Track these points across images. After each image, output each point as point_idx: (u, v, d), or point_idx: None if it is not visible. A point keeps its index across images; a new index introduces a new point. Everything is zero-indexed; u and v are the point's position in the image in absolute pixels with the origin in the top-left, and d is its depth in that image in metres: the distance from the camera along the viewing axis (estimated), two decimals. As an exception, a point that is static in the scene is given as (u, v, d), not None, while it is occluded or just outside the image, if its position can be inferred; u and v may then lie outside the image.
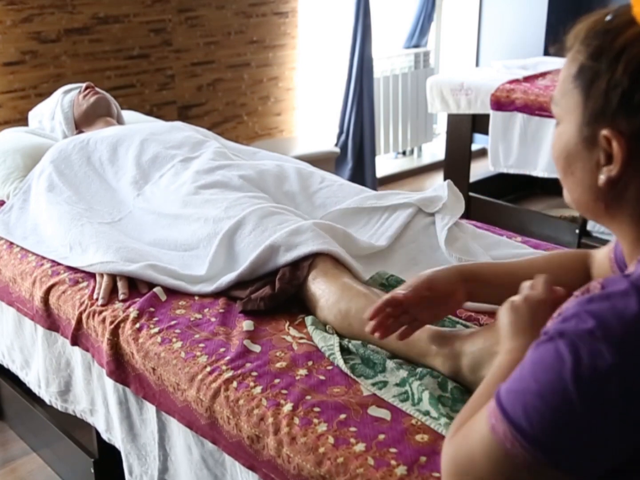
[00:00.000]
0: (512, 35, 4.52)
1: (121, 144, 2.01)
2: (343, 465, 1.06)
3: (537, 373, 0.74)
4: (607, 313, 0.72)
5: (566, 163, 0.86)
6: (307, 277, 1.44)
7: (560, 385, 0.72)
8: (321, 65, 4.10)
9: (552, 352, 0.73)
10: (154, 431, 1.46)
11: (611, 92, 0.77)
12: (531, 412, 0.73)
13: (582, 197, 0.86)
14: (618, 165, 0.79)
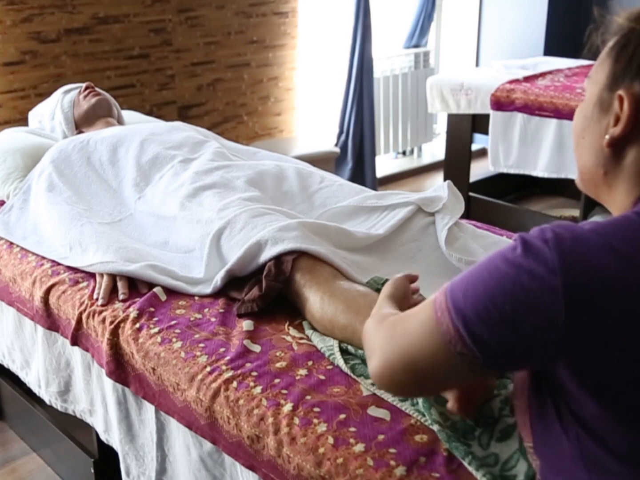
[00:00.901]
0: (512, 35, 4.52)
1: (121, 144, 2.01)
2: (343, 465, 1.06)
3: (488, 259, 0.82)
4: (567, 234, 0.79)
5: (581, 127, 0.90)
6: (293, 280, 1.43)
7: (501, 272, 0.79)
8: (321, 65, 4.10)
9: (508, 246, 0.81)
10: (153, 432, 1.46)
11: (635, 57, 0.82)
12: (469, 288, 0.81)
13: (586, 163, 0.90)
14: (623, 125, 0.83)
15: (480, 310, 0.79)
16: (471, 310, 0.79)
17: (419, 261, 1.63)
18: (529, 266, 0.77)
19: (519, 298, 0.77)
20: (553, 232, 0.79)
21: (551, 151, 3.09)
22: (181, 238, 1.70)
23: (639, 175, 0.85)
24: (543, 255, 0.77)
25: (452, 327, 0.80)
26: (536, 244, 0.78)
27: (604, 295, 0.75)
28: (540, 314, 0.76)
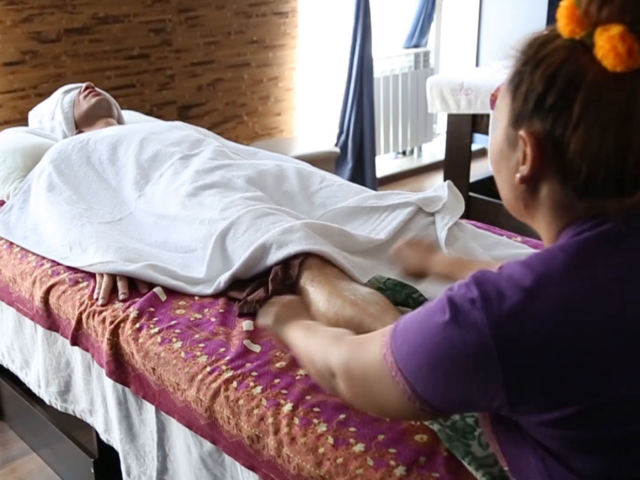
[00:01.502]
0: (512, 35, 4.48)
1: (121, 143, 2.01)
2: (343, 465, 1.06)
3: (423, 320, 0.84)
4: (492, 289, 0.80)
5: (495, 162, 0.92)
6: (299, 278, 1.44)
7: (433, 341, 0.81)
8: (321, 65, 4.10)
9: (439, 308, 0.82)
10: (153, 431, 1.46)
11: (529, 95, 0.83)
12: (413, 357, 0.83)
13: (507, 195, 0.92)
14: (529, 165, 0.84)
15: (427, 375, 0.82)
16: (418, 378, 0.83)
17: None
18: (460, 333, 0.79)
19: (458, 364, 0.80)
20: (478, 290, 0.80)
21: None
22: (182, 238, 1.70)
23: (556, 209, 0.85)
24: (472, 320, 0.78)
25: (409, 388, 0.84)
26: (464, 307, 0.80)
27: (537, 345, 0.77)
28: (481, 375, 0.78)
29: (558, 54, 0.81)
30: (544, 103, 0.81)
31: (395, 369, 0.85)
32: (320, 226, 1.59)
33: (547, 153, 0.83)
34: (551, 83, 0.81)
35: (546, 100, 0.81)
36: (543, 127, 0.82)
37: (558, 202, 0.85)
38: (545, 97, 0.81)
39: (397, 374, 0.85)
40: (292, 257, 1.46)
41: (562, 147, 0.81)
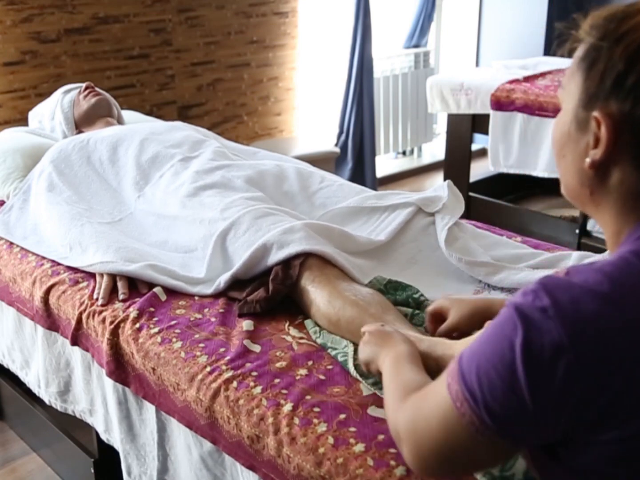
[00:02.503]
0: (512, 35, 4.52)
1: (121, 143, 2.01)
2: (343, 465, 1.06)
3: (492, 339, 0.77)
4: (565, 296, 0.73)
5: (560, 145, 0.86)
6: (300, 278, 1.44)
7: (510, 357, 0.74)
8: (321, 65, 4.10)
9: (507, 322, 0.76)
10: (154, 431, 1.46)
11: (607, 74, 0.78)
12: (483, 377, 0.76)
13: (570, 181, 0.86)
14: (603, 148, 0.79)
15: (500, 399, 0.75)
16: (491, 400, 0.75)
17: (420, 262, 1.63)
18: (537, 350, 0.72)
19: (535, 378, 0.73)
20: (549, 297, 0.74)
21: (551, 151, 3.08)
22: (182, 238, 1.70)
23: (627, 198, 0.80)
24: (548, 332, 0.72)
25: (476, 418, 0.77)
26: (536, 318, 0.73)
27: (614, 356, 0.72)
28: (557, 389, 0.73)
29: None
30: (625, 82, 0.76)
31: (460, 399, 0.78)
32: (321, 227, 1.59)
33: (624, 136, 0.77)
34: (634, 60, 0.76)
35: (627, 78, 0.76)
36: (621, 108, 0.77)
37: (630, 190, 0.80)
38: (627, 76, 0.76)
39: (463, 405, 0.78)
40: (293, 257, 1.46)
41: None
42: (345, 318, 1.34)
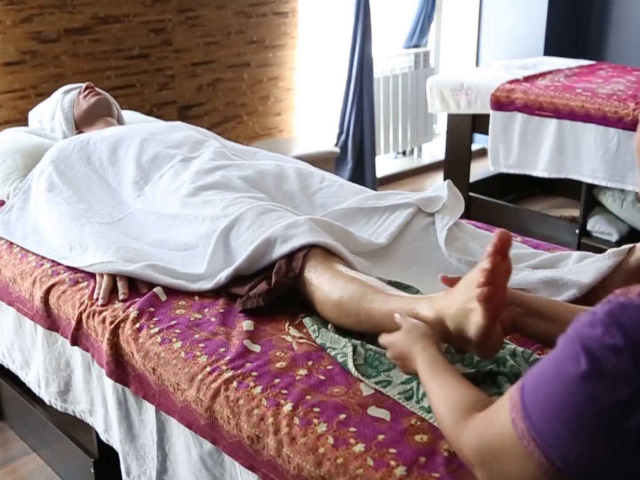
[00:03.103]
0: (512, 35, 4.52)
1: (121, 144, 2.01)
2: (343, 465, 1.06)
3: (556, 377, 0.73)
4: (638, 331, 0.68)
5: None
6: (303, 270, 1.44)
7: (581, 404, 0.70)
8: (321, 65, 4.10)
9: (572, 360, 0.71)
10: (153, 431, 1.46)
11: None
12: (549, 420, 0.73)
13: None
14: None
15: (568, 441, 0.72)
16: (560, 445, 0.72)
17: (420, 262, 1.63)
18: (607, 386, 0.68)
19: (607, 424, 0.69)
20: (622, 334, 0.67)
21: (551, 151, 3.08)
22: (182, 236, 1.70)
23: None
24: (622, 380, 0.67)
25: (546, 460, 0.74)
26: (607, 356, 0.67)
27: None
28: (630, 438, 0.69)
29: None
30: None
31: (527, 437, 0.75)
32: (323, 222, 1.59)
33: None
34: None
35: None
36: None
37: None
38: None
39: (530, 444, 0.75)
40: (296, 251, 1.46)
41: None
42: (347, 296, 1.33)
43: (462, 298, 1.13)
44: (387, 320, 1.25)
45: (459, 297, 1.14)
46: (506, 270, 1.07)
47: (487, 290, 1.03)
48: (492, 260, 1.03)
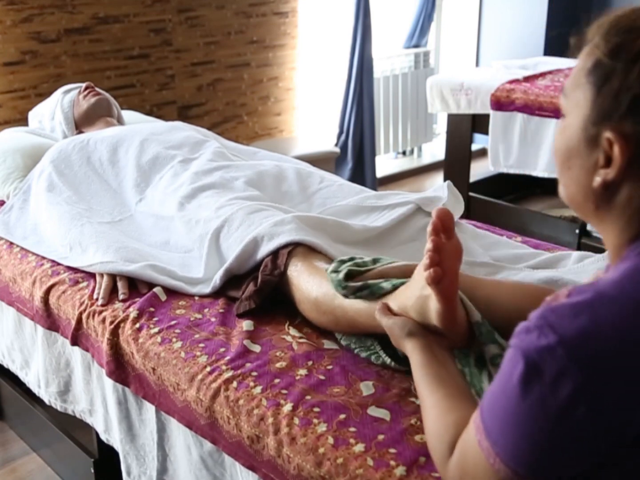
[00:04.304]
0: (512, 35, 4.52)
1: (121, 144, 2.01)
2: (343, 465, 1.06)
3: (507, 390, 0.75)
4: (569, 328, 0.70)
5: (565, 157, 0.83)
6: (286, 268, 1.42)
7: (527, 407, 0.72)
8: (321, 65, 4.10)
9: (517, 371, 0.73)
10: (153, 431, 1.46)
11: (623, 94, 0.75)
12: (506, 432, 0.74)
13: (575, 194, 0.84)
14: (616, 170, 0.77)
15: (529, 450, 0.73)
16: (517, 451, 0.74)
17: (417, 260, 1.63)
18: (552, 398, 0.70)
19: (556, 431, 0.71)
20: (554, 333, 0.70)
21: (551, 151, 3.08)
22: (181, 238, 1.71)
23: (633, 216, 0.79)
24: (560, 375, 0.69)
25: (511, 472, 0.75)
26: (544, 360, 0.70)
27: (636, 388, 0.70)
28: (584, 435, 0.71)
29: None
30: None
31: (492, 455, 0.76)
32: (314, 219, 1.58)
33: (638, 158, 0.75)
34: None
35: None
36: (637, 130, 0.74)
37: (637, 210, 0.78)
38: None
39: (496, 460, 0.76)
40: (282, 248, 1.46)
41: None
42: (322, 292, 1.32)
43: (418, 286, 1.12)
44: (359, 317, 1.25)
45: (415, 286, 1.13)
46: (454, 249, 1.05)
47: (434, 271, 1.02)
48: (434, 239, 1.02)
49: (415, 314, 1.13)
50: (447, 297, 1.05)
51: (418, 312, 1.12)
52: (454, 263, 1.05)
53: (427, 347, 1.07)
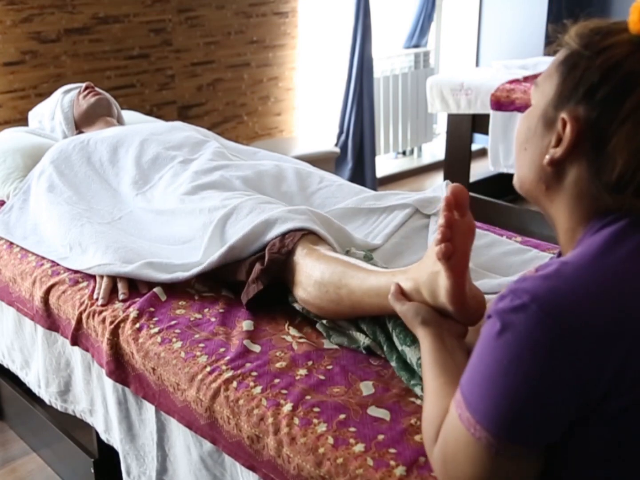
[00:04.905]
0: (512, 35, 4.52)
1: (121, 144, 2.01)
2: (342, 465, 1.06)
3: (483, 356, 0.79)
4: (540, 288, 0.76)
5: (524, 138, 0.90)
6: (294, 249, 1.41)
7: (504, 364, 0.76)
8: (321, 65, 4.10)
9: (492, 334, 0.78)
10: (153, 431, 1.46)
11: (582, 81, 0.83)
12: (484, 394, 0.77)
13: (527, 175, 0.90)
14: (564, 148, 0.83)
15: (504, 407, 0.76)
16: (496, 412, 0.77)
17: (405, 258, 1.63)
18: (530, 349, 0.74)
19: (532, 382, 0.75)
20: (526, 293, 0.76)
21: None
22: (181, 229, 1.70)
23: (580, 198, 0.85)
24: (535, 328, 0.74)
25: (491, 436, 0.77)
26: (518, 317, 0.75)
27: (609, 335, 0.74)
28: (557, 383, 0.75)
29: (623, 47, 0.81)
30: (596, 93, 0.81)
31: (472, 423, 0.79)
32: (322, 217, 1.58)
33: (586, 141, 0.82)
34: (609, 74, 0.81)
35: (599, 90, 0.81)
36: (588, 115, 0.82)
37: (584, 191, 0.84)
38: (599, 87, 0.81)
39: (477, 428, 0.78)
40: (293, 231, 1.45)
41: (604, 139, 0.80)
42: (328, 272, 1.32)
43: (429, 262, 1.13)
44: (366, 297, 1.25)
45: (427, 262, 1.14)
46: (467, 227, 1.06)
47: (445, 246, 1.03)
48: (446, 215, 1.03)
49: (426, 291, 1.13)
50: (456, 273, 1.06)
51: (429, 289, 1.12)
52: (465, 240, 1.07)
53: (437, 336, 1.07)
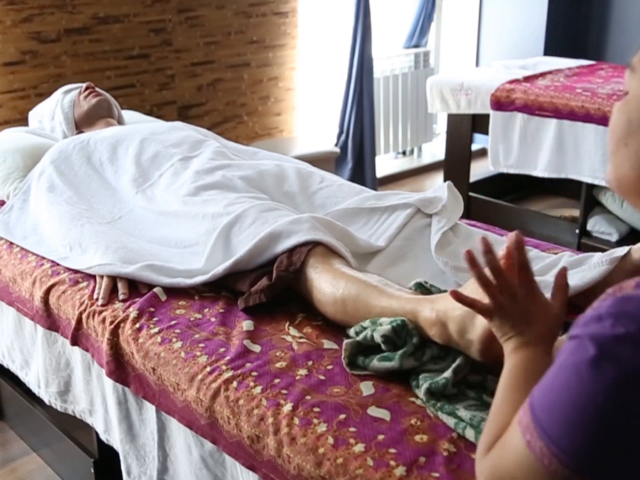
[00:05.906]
0: (512, 35, 4.52)
1: (121, 143, 2.01)
2: (342, 465, 1.06)
3: (570, 384, 0.69)
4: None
5: (624, 133, 0.80)
6: (305, 266, 1.43)
7: (599, 402, 0.67)
8: (321, 65, 4.10)
9: (585, 361, 0.68)
10: (154, 431, 1.46)
11: None
12: (569, 427, 0.68)
13: (629, 173, 0.79)
14: None
15: (596, 448, 0.67)
16: (585, 452, 0.68)
17: (408, 260, 1.63)
18: (632, 392, 0.65)
19: (627, 422, 0.66)
20: (633, 321, 0.66)
21: (551, 151, 3.09)
22: (182, 233, 1.70)
23: None
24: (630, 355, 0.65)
25: (574, 472, 0.69)
26: (624, 349, 0.65)
27: None
28: None
29: None
30: None
31: (547, 455, 0.70)
32: (325, 221, 1.59)
33: None
34: None
35: None
36: None
37: None
38: None
39: (552, 461, 0.69)
40: (299, 246, 1.46)
41: None
42: (350, 298, 1.33)
43: None
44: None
45: None
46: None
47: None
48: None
49: (455, 326, 1.13)
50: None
51: (460, 324, 1.12)
52: None
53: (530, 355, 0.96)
